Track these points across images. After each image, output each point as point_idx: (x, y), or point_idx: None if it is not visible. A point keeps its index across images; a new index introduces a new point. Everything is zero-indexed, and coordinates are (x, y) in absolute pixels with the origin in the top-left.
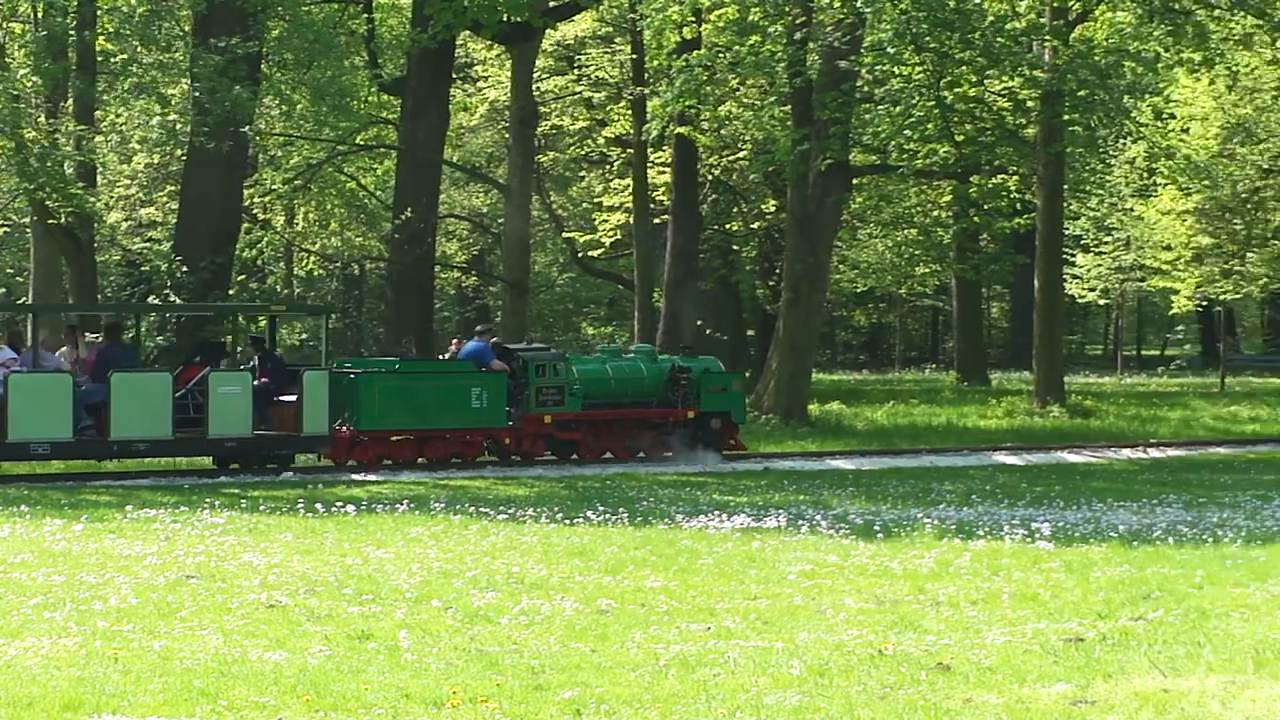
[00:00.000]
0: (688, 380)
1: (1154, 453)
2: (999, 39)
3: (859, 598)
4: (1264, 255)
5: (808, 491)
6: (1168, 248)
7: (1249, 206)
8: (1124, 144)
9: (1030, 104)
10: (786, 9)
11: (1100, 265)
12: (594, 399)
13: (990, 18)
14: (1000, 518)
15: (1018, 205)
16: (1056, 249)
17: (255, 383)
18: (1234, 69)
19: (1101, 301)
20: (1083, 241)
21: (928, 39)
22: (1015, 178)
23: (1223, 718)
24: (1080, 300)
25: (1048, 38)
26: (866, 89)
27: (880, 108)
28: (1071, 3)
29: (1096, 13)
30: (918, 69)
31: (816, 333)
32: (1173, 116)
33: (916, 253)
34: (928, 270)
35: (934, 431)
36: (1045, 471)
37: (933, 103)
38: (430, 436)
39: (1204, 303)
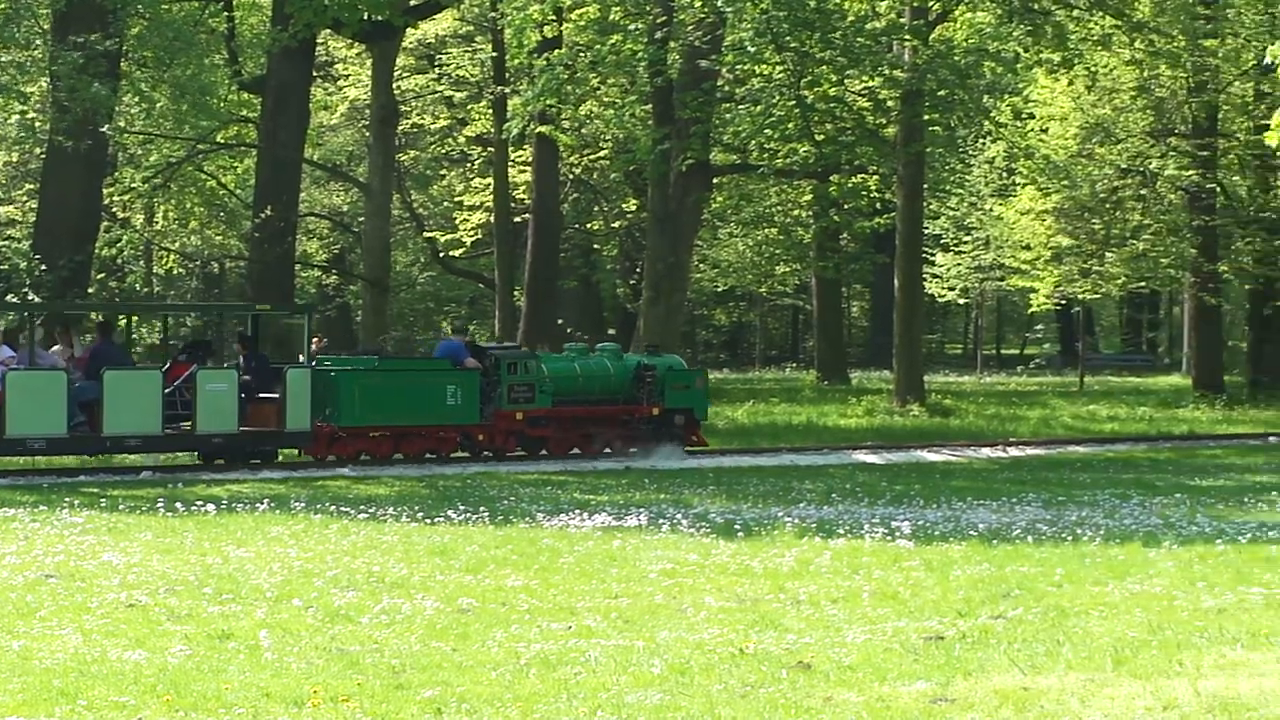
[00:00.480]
0: (653, 378)
1: (1013, 451)
2: (859, 39)
3: (720, 596)
4: (1122, 255)
5: (668, 490)
6: (1027, 247)
7: (1107, 206)
8: (983, 144)
9: (890, 103)
10: (647, 8)
11: (960, 265)
12: (563, 396)
13: (850, 17)
14: (860, 516)
15: (878, 204)
16: (916, 248)
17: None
18: (1093, 69)
19: (961, 301)
20: (942, 241)
21: (788, 38)
22: (875, 177)
23: (1082, 715)
24: (940, 299)
25: (907, 37)
26: (727, 88)
27: (741, 107)
28: (931, 3)
29: (956, 13)
30: (778, 68)
31: (677, 331)
32: (1032, 116)
33: (777, 252)
34: (788, 269)
35: (794, 430)
36: (905, 470)
37: (793, 102)
38: (407, 432)
39: (1063, 302)
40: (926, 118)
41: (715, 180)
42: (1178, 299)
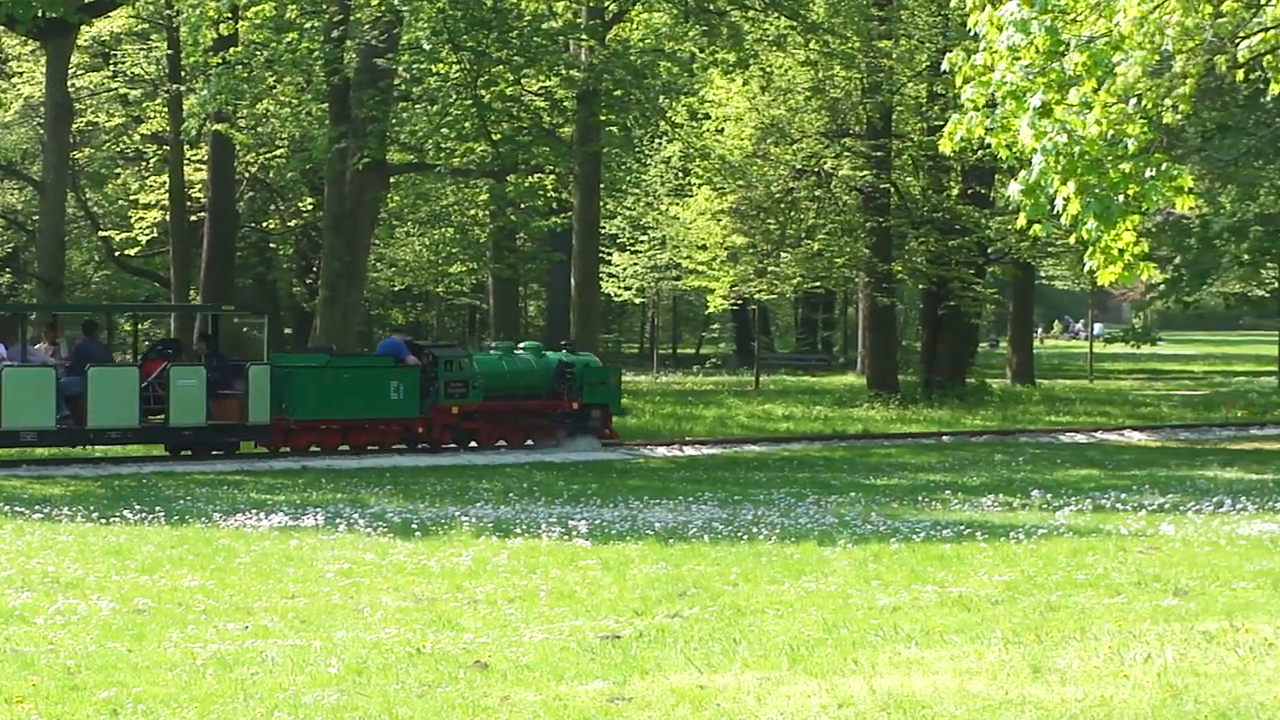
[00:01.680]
0: (572, 374)
1: (690, 451)
2: (536, 38)
3: (397, 596)
4: (797, 255)
5: (345, 490)
6: (703, 247)
7: (783, 207)
8: (660, 144)
9: (567, 103)
10: (323, 6)
11: (636, 264)
12: (493, 391)
13: (527, 17)
14: (538, 515)
15: (554, 204)
16: (593, 248)
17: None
18: (768, 70)
19: (638, 300)
20: (619, 241)
21: (465, 38)
22: (552, 177)
23: (758, 714)
24: (617, 299)
25: (584, 37)
26: (404, 87)
27: (418, 106)
28: (607, 3)
29: (632, 13)
30: (455, 68)
31: (354, 331)
32: (708, 117)
33: (454, 251)
34: (465, 268)
35: None
36: (582, 469)
37: (470, 101)
38: (354, 425)
39: (739, 302)
40: (603, 118)
41: (392, 179)
42: (852, 299)
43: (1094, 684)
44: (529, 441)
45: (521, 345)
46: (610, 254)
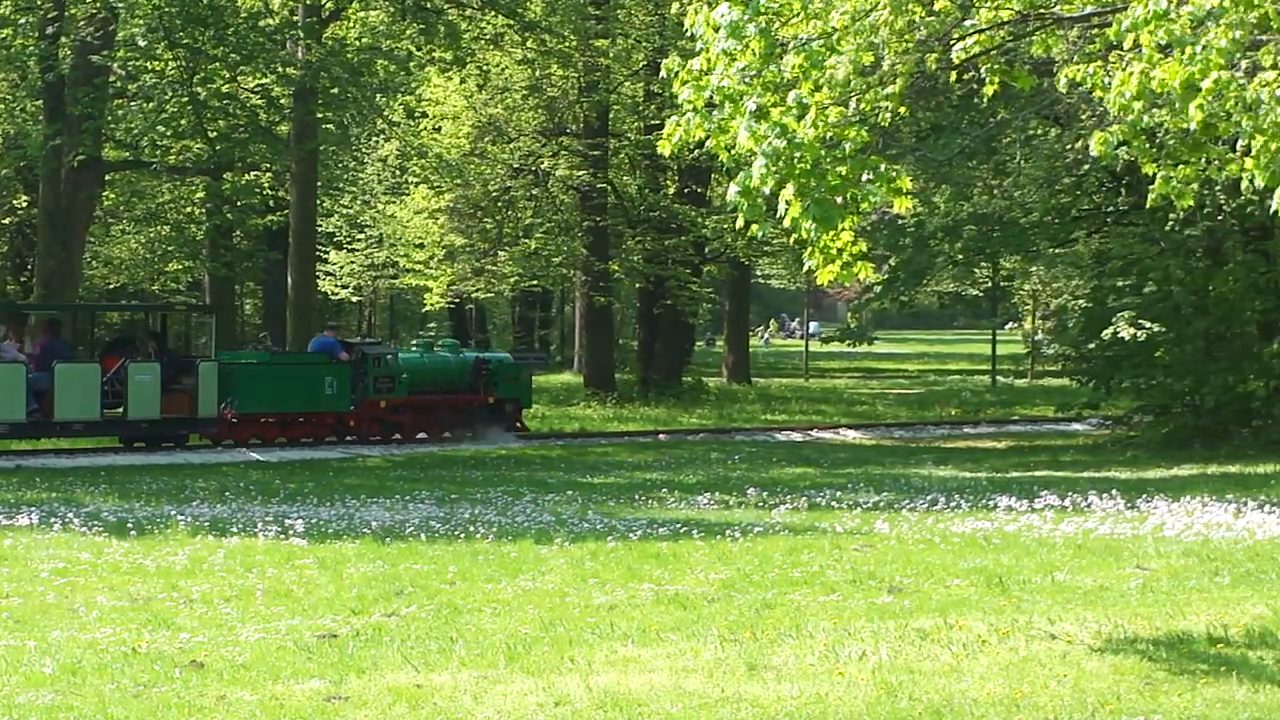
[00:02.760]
0: (488, 371)
1: (406, 450)
2: (252, 36)
3: (112, 595)
4: (514, 254)
5: (60, 489)
6: (420, 246)
7: (500, 205)
8: (377, 142)
9: (283, 101)
10: (38, 2)
11: (354, 263)
12: (417, 387)
13: (244, 14)
14: (254, 514)
15: (271, 202)
16: (310, 246)
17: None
18: (485, 68)
19: (355, 299)
20: (336, 239)
21: (181, 34)
22: (268, 174)
23: (475, 712)
24: (334, 297)
25: (301, 35)
26: (120, 84)
27: (133, 103)
28: (324, 1)
29: (349, 11)
30: (171, 65)
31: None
32: (425, 115)
33: (170, 249)
34: (181, 267)
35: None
36: (299, 468)
37: (186, 99)
38: (291, 419)
39: (456, 300)
40: (320, 115)
41: (107, 177)
42: (569, 297)
43: (810, 681)
44: (446, 434)
45: (441, 343)
46: (327, 252)
